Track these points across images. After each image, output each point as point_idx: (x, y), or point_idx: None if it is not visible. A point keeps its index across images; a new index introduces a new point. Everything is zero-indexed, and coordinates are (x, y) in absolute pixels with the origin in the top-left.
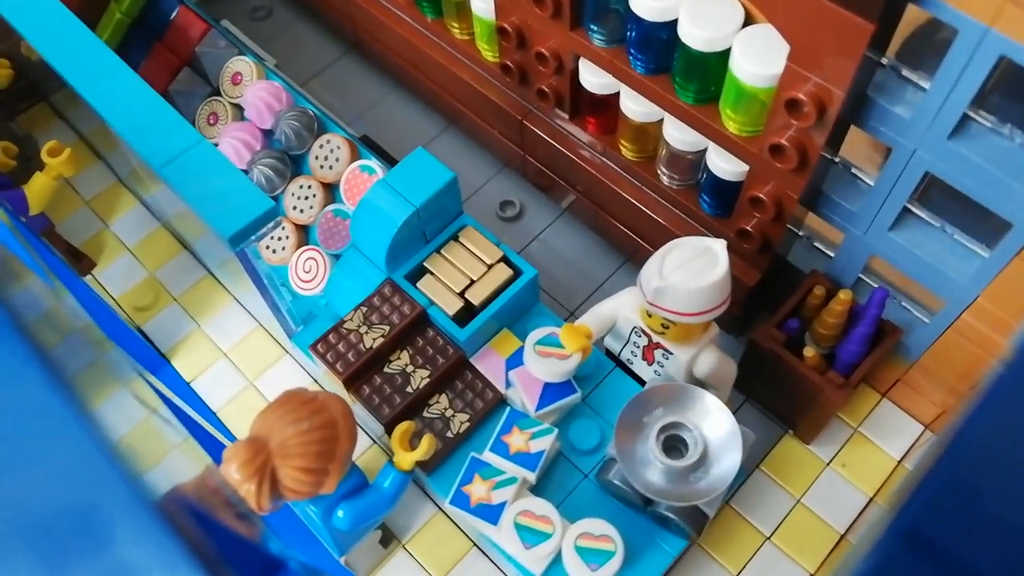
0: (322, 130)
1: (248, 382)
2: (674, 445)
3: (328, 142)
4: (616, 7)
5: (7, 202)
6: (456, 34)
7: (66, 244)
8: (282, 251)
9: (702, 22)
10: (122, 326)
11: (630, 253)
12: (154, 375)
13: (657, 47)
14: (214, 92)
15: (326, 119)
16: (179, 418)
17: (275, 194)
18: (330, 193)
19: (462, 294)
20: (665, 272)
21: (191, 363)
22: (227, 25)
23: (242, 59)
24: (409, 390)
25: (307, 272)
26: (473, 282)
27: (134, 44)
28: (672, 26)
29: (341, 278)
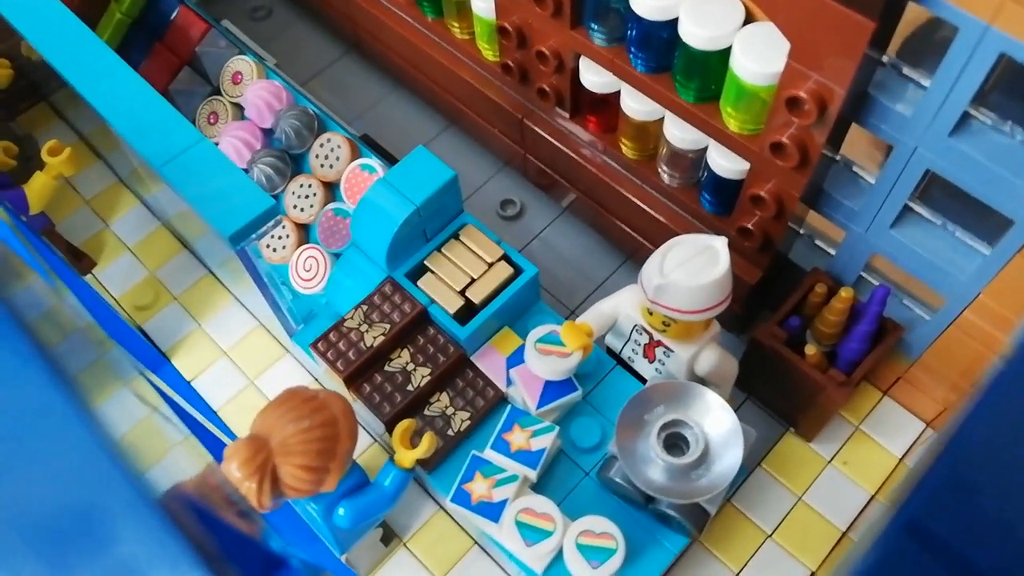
0: (322, 129)
1: (249, 381)
2: (675, 443)
3: (328, 141)
4: (616, 6)
5: (8, 201)
6: (456, 33)
7: (66, 243)
8: (282, 250)
9: (703, 21)
10: (123, 325)
11: (631, 251)
12: (155, 374)
13: (658, 46)
14: (214, 91)
15: (326, 118)
16: (180, 417)
17: (275, 193)
18: (330, 192)
19: (463, 292)
20: (666, 270)
21: (192, 362)
22: (227, 25)
23: (242, 58)
24: (410, 388)
25: (308, 271)
26: (474, 280)
27: (134, 44)
28: (673, 25)
29: (342, 277)
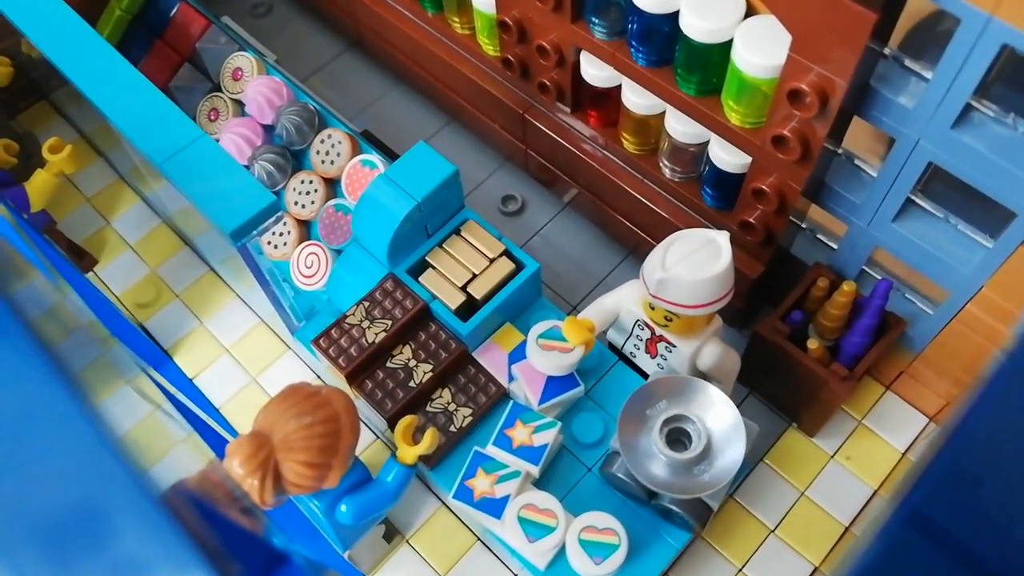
0: (323, 125)
1: (251, 378)
2: (678, 438)
3: (329, 137)
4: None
5: (9, 199)
6: (457, 29)
7: (68, 241)
8: (284, 246)
9: (704, 13)
10: (124, 323)
11: (632, 247)
12: (157, 371)
13: (659, 39)
14: (215, 88)
15: (327, 114)
16: (182, 414)
17: (276, 189)
18: (331, 188)
19: (464, 288)
20: (668, 264)
21: (193, 359)
22: (227, 21)
23: (243, 55)
24: (412, 385)
25: (309, 267)
26: (475, 276)
27: (135, 41)
28: (674, 18)
29: (343, 273)
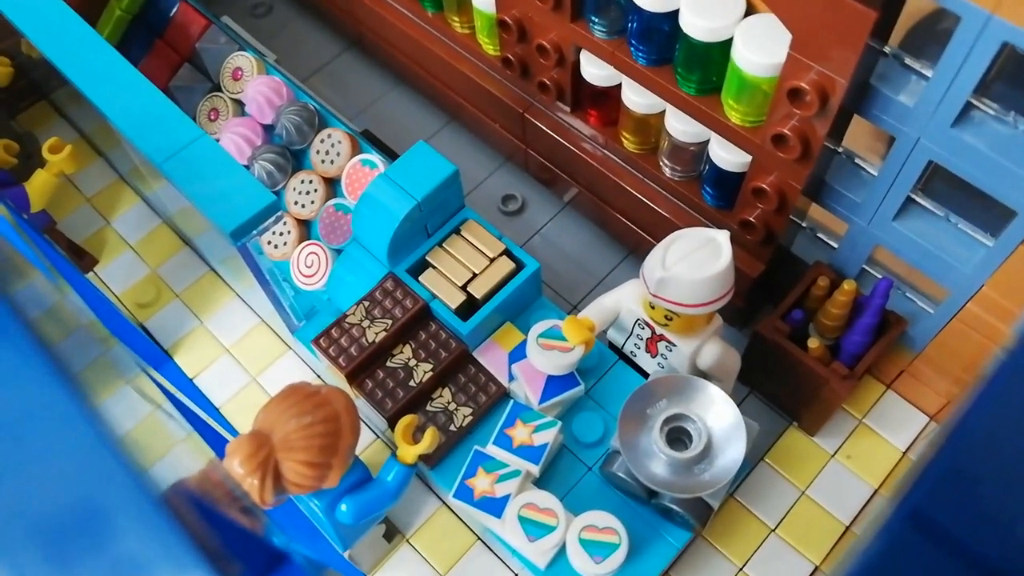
0: (323, 125)
1: (251, 378)
2: (678, 437)
3: (329, 136)
4: None
5: (9, 199)
6: (457, 28)
7: (68, 241)
8: (284, 246)
9: (704, 12)
10: (125, 323)
11: (632, 246)
12: (157, 371)
13: (659, 38)
14: (215, 88)
15: (327, 113)
16: (183, 413)
17: (276, 189)
18: (331, 188)
19: (464, 288)
20: (668, 263)
21: (194, 359)
22: (227, 21)
23: (243, 54)
24: (412, 384)
25: (309, 267)
26: (475, 275)
27: (135, 41)
28: (674, 16)
29: (343, 272)
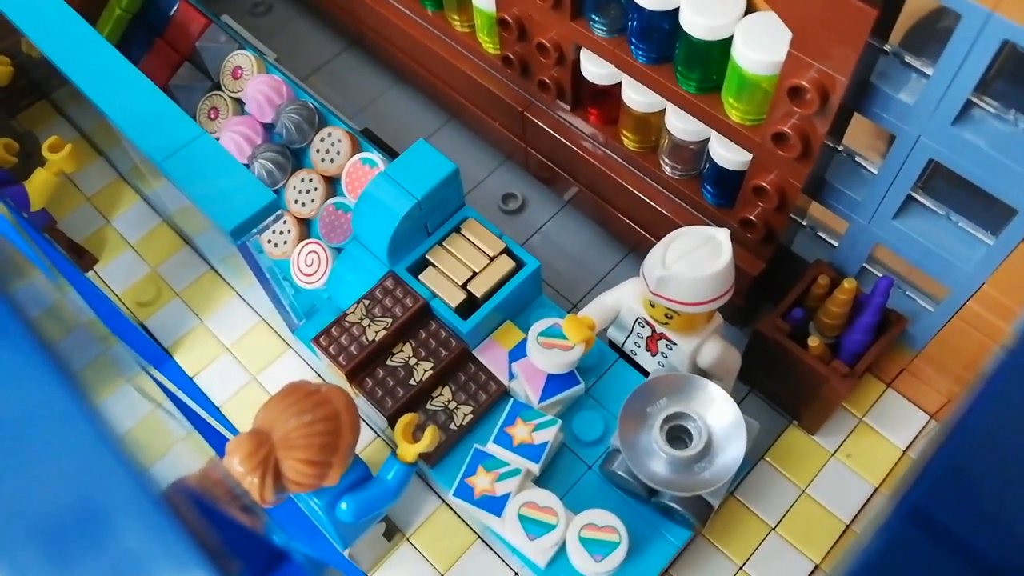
0: (323, 123)
1: (251, 376)
2: (678, 435)
3: (329, 135)
4: None
5: (9, 198)
6: (457, 27)
7: (68, 240)
8: (284, 245)
9: (704, 10)
10: (125, 321)
11: (633, 244)
12: (157, 370)
13: (659, 36)
14: (215, 87)
15: (327, 112)
16: (183, 412)
17: (276, 187)
18: (331, 186)
19: (464, 286)
20: (668, 261)
21: (194, 358)
22: (227, 20)
23: (242, 53)
24: (412, 383)
25: (309, 265)
26: (475, 274)
27: (135, 40)
28: (674, 15)
29: (343, 271)
